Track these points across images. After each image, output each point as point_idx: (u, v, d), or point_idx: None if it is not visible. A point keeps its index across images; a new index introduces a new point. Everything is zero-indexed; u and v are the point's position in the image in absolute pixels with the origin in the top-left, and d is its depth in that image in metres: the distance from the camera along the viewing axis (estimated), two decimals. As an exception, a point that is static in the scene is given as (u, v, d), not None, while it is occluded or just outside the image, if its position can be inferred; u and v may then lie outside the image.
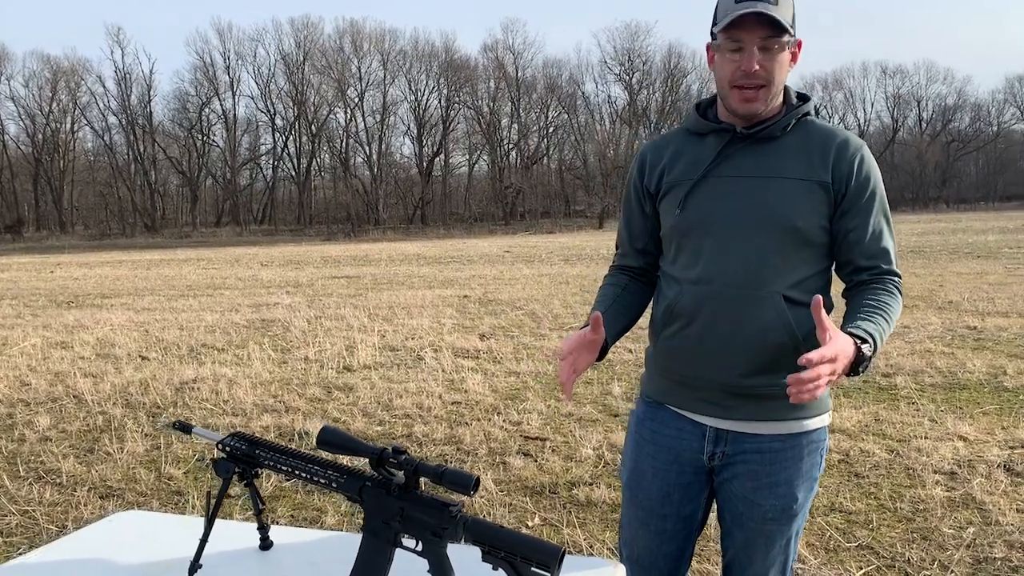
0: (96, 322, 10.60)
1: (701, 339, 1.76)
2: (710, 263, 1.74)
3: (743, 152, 1.75)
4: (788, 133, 1.75)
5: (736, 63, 1.67)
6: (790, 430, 1.77)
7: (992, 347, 7.37)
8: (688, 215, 1.77)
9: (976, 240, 22.99)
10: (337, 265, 21.98)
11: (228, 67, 60.93)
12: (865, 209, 1.73)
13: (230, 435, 1.58)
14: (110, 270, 22.23)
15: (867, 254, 1.74)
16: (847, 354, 1.50)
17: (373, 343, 8.29)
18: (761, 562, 1.84)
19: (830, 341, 1.48)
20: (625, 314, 1.91)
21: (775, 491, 1.78)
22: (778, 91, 1.72)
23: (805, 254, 1.73)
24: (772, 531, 1.81)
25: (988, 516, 3.57)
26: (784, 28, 1.63)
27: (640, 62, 63.07)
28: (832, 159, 1.71)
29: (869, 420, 5.08)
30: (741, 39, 1.65)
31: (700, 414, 1.81)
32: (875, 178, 1.74)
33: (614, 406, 5.58)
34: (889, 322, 1.65)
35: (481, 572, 1.37)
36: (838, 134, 1.75)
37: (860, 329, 1.57)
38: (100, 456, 4.77)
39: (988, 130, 69.01)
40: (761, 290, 1.70)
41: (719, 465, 1.82)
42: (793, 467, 1.78)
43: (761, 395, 1.74)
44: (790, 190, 1.71)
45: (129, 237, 51.40)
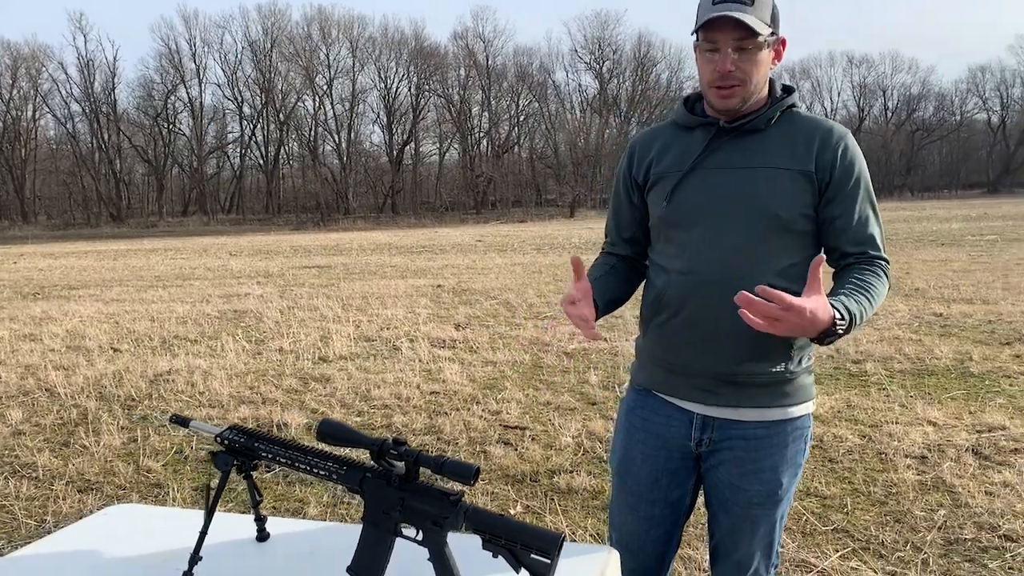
0: (64, 314, 10.45)
1: (688, 328, 1.80)
2: (696, 253, 1.78)
3: (729, 145, 1.79)
4: (773, 125, 1.79)
5: (713, 63, 1.72)
6: (775, 417, 1.82)
7: (958, 333, 7.53)
8: (675, 207, 1.81)
9: (940, 228, 23.40)
10: (308, 255, 21.83)
11: (194, 54, 60.16)
12: (850, 196, 1.76)
13: (228, 428, 1.59)
14: (76, 260, 21.89)
15: (854, 240, 1.77)
16: (817, 319, 1.49)
17: (348, 333, 8.27)
18: (747, 546, 1.89)
19: (808, 299, 1.49)
20: (614, 288, 1.94)
21: (760, 477, 1.82)
22: (757, 88, 1.76)
23: (789, 242, 1.77)
24: (757, 516, 1.85)
25: (958, 499, 3.67)
26: (756, 31, 1.66)
27: (610, 51, 63.28)
28: (816, 148, 1.75)
29: (841, 406, 5.18)
30: (716, 40, 1.70)
31: (688, 401, 1.85)
32: (859, 165, 1.78)
33: (592, 394, 5.63)
34: (872, 302, 1.67)
35: (482, 560, 1.40)
36: (822, 124, 1.79)
37: (842, 305, 1.58)
38: (76, 449, 4.73)
39: (951, 119, 70.21)
40: (746, 279, 1.73)
41: (706, 451, 1.87)
42: (778, 453, 1.83)
43: (747, 383, 1.78)
44: (774, 180, 1.74)
45: (94, 227, 50.59)
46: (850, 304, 1.61)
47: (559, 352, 7.16)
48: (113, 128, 58.65)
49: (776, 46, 1.76)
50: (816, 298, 1.50)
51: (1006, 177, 64.44)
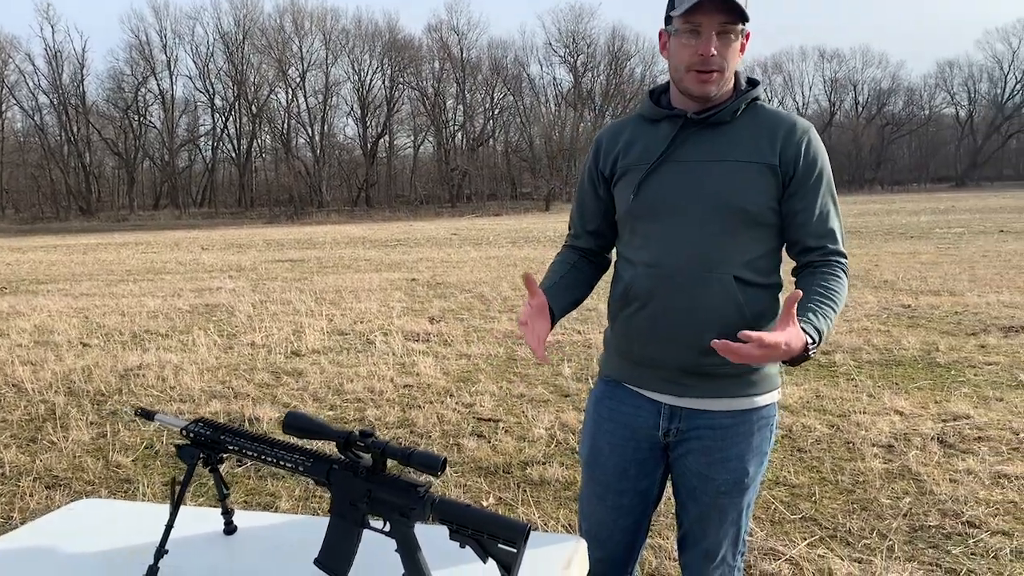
0: (32, 308, 10.30)
1: (655, 320, 1.81)
2: (663, 246, 1.79)
3: (695, 137, 1.80)
4: (738, 117, 1.80)
5: (693, 48, 1.72)
6: (741, 406, 1.84)
7: (925, 324, 7.65)
8: (641, 200, 1.82)
9: (909, 221, 23.72)
10: (281, 248, 21.67)
11: (165, 46, 59.39)
12: (812, 190, 1.78)
13: (194, 421, 1.58)
14: (44, 255, 21.57)
15: (814, 234, 1.79)
16: (791, 349, 1.55)
17: (321, 327, 8.23)
18: (714, 534, 1.91)
19: (782, 332, 1.54)
20: (573, 289, 1.97)
21: (727, 465, 1.85)
22: (730, 76, 1.77)
23: (755, 235, 1.78)
24: (725, 504, 1.88)
25: (923, 486, 3.73)
26: (741, 15, 1.68)
27: (584, 44, 63.32)
28: (780, 142, 1.77)
29: (810, 397, 5.25)
30: (700, 23, 1.70)
31: (656, 392, 1.87)
32: (822, 160, 1.80)
33: (565, 386, 5.65)
34: (837, 310, 1.72)
35: (449, 550, 1.41)
36: (786, 118, 1.81)
37: (812, 328, 1.61)
38: (44, 445, 4.67)
39: (920, 114, 71.17)
40: (712, 271, 1.75)
41: (674, 441, 1.88)
42: (744, 442, 1.85)
43: (713, 374, 1.80)
44: (739, 173, 1.76)
45: (63, 221, 49.82)
46: (820, 323, 1.64)
47: (533, 345, 7.17)
48: (82, 120, 57.76)
49: (743, 38, 1.78)
50: (789, 330, 1.55)
51: (973, 171, 65.45)
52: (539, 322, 1.82)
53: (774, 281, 1.84)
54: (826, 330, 1.65)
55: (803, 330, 1.58)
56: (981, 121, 69.58)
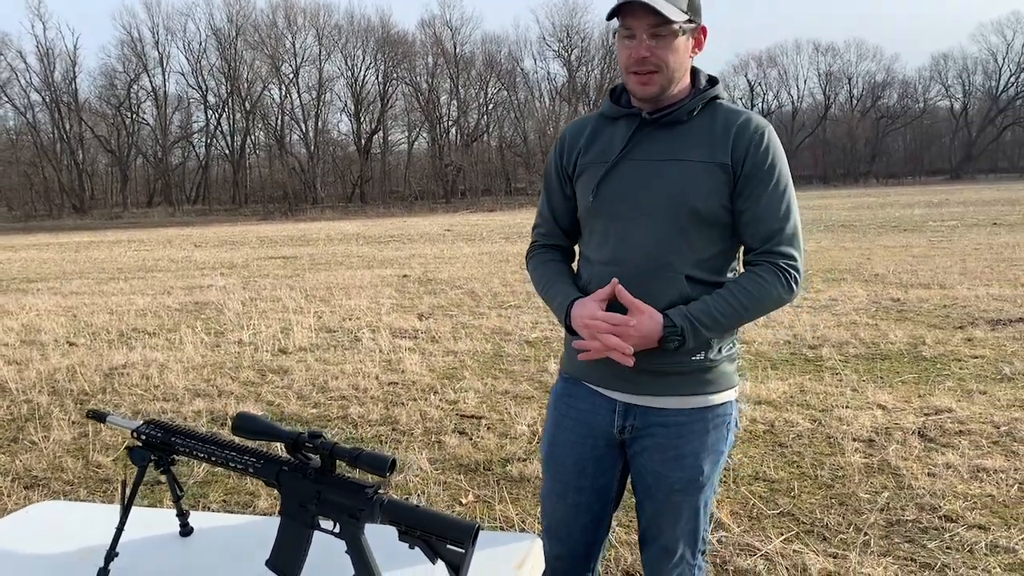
0: (21, 307, 10.27)
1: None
2: (618, 245, 1.80)
3: (651, 136, 1.80)
4: (695, 117, 1.79)
5: (629, 50, 1.72)
6: (695, 404, 1.84)
7: (913, 318, 7.65)
8: (600, 200, 1.82)
9: (903, 214, 23.75)
10: (274, 245, 21.64)
11: (157, 42, 59.15)
12: (759, 189, 1.75)
13: (145, 423, 1.58)
14: (36, 253, 21.52)
15: (759, 235, 1.77)
16: (641, 333, 1.70)
17: (309, 325, 8.22)
18: (671, 532, 1.91)
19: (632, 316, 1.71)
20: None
21: (681, 463, 1.84)
22: (676, 76, 1.75)
23: (708, 235, 1.78)
24: (679, 502, 1.87)
25: (902, 481, 3.73)
26: (668, 18, 1.66)
27: (579, 39, 63.21)
28: (732, 140, 1.75)
29: (794, 391, 5.25)
30: (632, 26, 1.70)
31: (611, 389, 1.87)
32: (773, 158, 1.76)
33: (549, 383, 5.65)
34: (740, 306, 1.74)
35: (399, 551, 1.40)
36: (741, 115, 1.78)
37: (680, 314, 1.72)
38: (24, 445, 4.66)
39: (915, 106, 71.12)
40: (666, 270, 1.75)
41: (629, 438, 1.88)
42: (698, 440, 1.84)
43: (667, 371, 1.80)
44: (692, 173, 1.75)
45: (56, 219, 49.68)
46: (694, 311, 1.72)
47: (520, 341, 7.17)
48: (75, 118, 57.55)
49: (696, 34, 1.77)
50: (639, 315, 1.70)
51: (968, 163, 65.49)
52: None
53: (726, 279, 1.82)
54: (707, 320, 1.72)
55: (666, 314, 1.70)
56: (976, 114, 69.60)
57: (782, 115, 67.64)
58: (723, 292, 1.75)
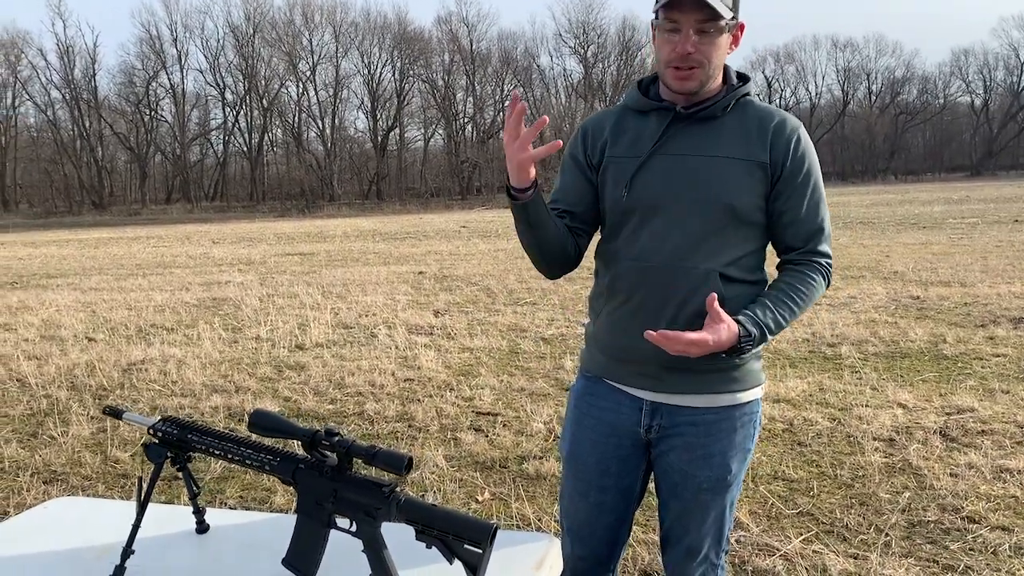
0: (41, 303, 10.36)
1: (639, 314, 1.78)
2: (650, 240, 1.76)
3: (684, 131, 1.77)
4: (728, 113, 1.77)
5: (673, 44, 1.69)
6: (724, 402, 1.81)
7: (934, 316, 7.57)
8: (634, 195, 1.78)
9: (922, 211, 23.52)
10: (291, 242, 21.72)
11: (175, 40, 59.57)
12: (800, 190, 1.76)
13: (161, 420, 1.57)
14: (56, 249, 21.70)
15: (800, 235, 1.78)
16: (720, 344, 1.62)
17: (326, 321, 8.23)
18: (696, 532, 1.88)
19: (709, 330, 1.61)
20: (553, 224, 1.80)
21: (710, 462, 1.82)
22: (715, 72, 1.73)
23: (742, 233, 1.76)
24: (707, 501, 1.85)
25: (923, 481, 3.69)
26: (719, 13, 1.64)
27: (595, 35, 63.11)
28: (770, 139, 1.74)
29: (813, 390, 5.20)
30: (678, 20, 1.67)
31: (637, 388, 1.84)
32: (810, 159, 1.78)
33: (566, 380, 5.62)
34: (796, 308, 1.75)
35: (416, 550, 1.39)
36: (775, 115, 1.78)
37: (751, 322, 1.67)
38: (44, 440, 4.69)
39: (935, 102, 70.48)
40: (698, 267, 1.73)
41: (655, 437, 1.86)
42: (727, 439, 1.82)
43: (696, 369, 1.76)
44: (729, 170, 1.73)
45: (76, 215, 50.13)
46: (763, 317, 1.69)
47: (536, 338, 7.15)
48: (94, 115, 58.05)
49: (735, 31, 1.74)
50: (716, 327, 1.62)
51: (989, 160, 64.84)
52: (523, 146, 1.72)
53: (759, 278, 1.82)
54: (772, 325, 1.70)
55: (739, 322, 1.64)
56: (997, 110, 68.89)
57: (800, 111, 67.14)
58: (781, 295, 1.74)
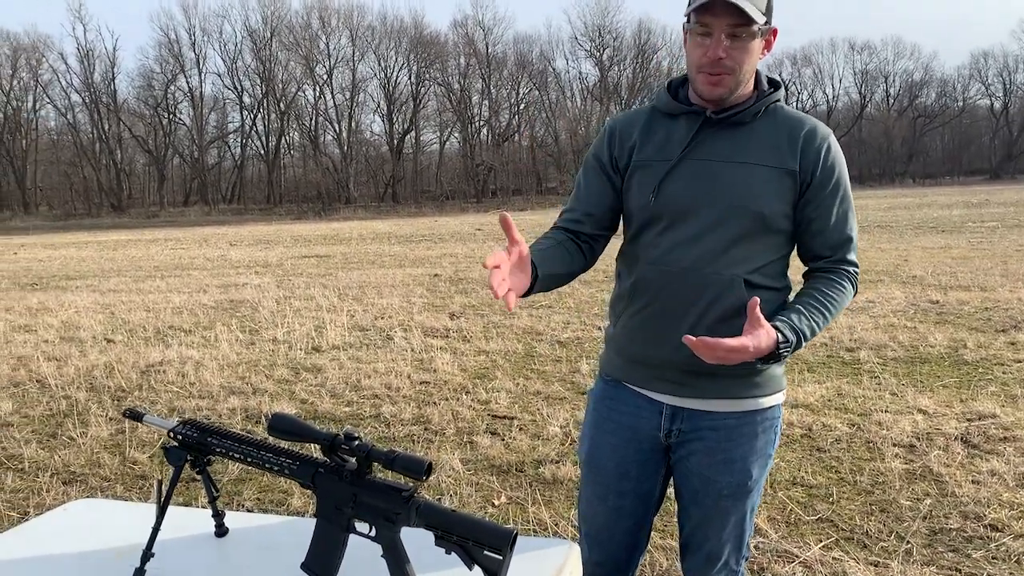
0: (61, 304, 10.44)
1: (661, 319, 1.77)
2: (676, 246, 1.75)
3: (714, 136, 1.75)
4: (758, 119, 1.76)
5: (704, 48, 1.67)
6: (745, 407, 1.80)
7: (953, 321, 7.50)
8: (663, 199, 1.76)
9: (941, 215, 23.31)
10: (307, 244, 21.80)
11: (194, 44, 59.94)
12: (829, 198, 1.75)
13: (181, 422, 1.57)
14: (75, 251, 21.88)
15: (828, 243, 1.78)
16: (759, 350, 1.58)
17: (342, 323, 8.25)
18: (716, 538, 1.87)
19: (748, 337, 1.57)
20: (559, 264, 1.75)
21: (731, 467, 1.80)
22: (746, 78, 1.72)
23: (769, 240, 1.75)
24: (728, 507, 1.84)
25: (944, 488, 3.64)
26: (751, 18, 1.62)
27: (611, 38, 62.95)
28: (800, 147, 1.73)
29: (832, 395, 5.16)
30: (709, 24, 1.65)
31: (657, 392, 1.83)
32: (840, 168, 1.77)
33: (582, 384, 5.61)
34: (829, 316, 1.73)
35: (436, 555, 1.38)
36: (806, 122, 1.76)
37: (788, 328, 1.64)
38: (63, 441, 4.72)
39: (954, 105, 69.80)
40: (724, 273, 1.71)
41: (676, 442, 1.84)
42: (748, 444, 1.81)
43: (718, 373, 1.75)
44: (759, 177, 1.71)
45: (95, 217, 50.53)
46: (799, 323, 1.66)
47: (552, 341, 7.14)
48: (113, 118, 58.51)
49: (768, 36, 1.72)
50: (755, 334, 1.57)
51: (1008, 163, 64.14)
52: (517, 274, 1.58)
53: (783, 284, 1.81)
54: (807, 330, 1.67)
55: (777, 328, 1.61)
56: (1017, 112, 68.10)
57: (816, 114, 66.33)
58: (814, 302, 1.73)
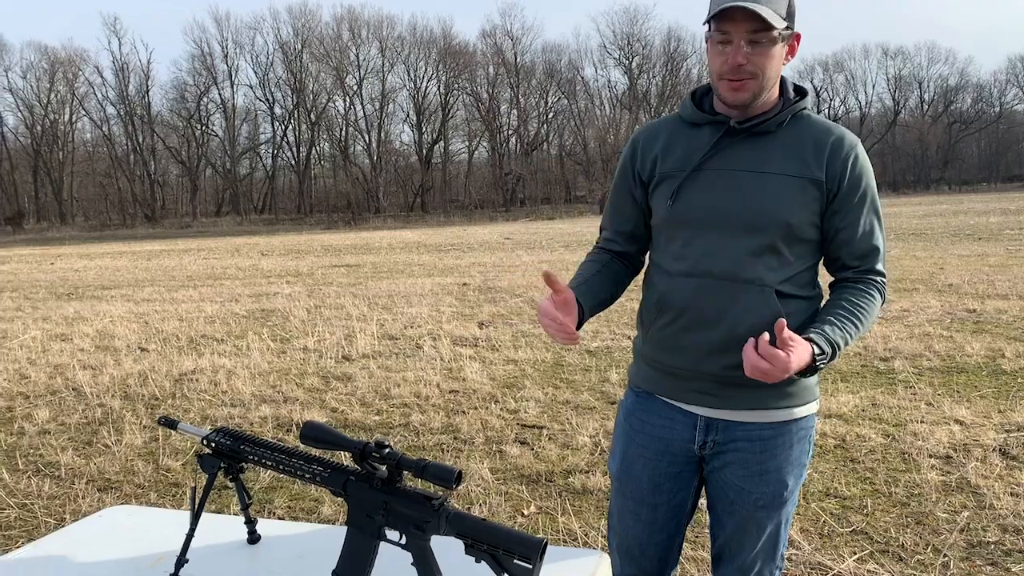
0: (96, 314, 10.61)
1: (692, 330, 1.76)
2: (703, 255, 1.73)
3: (738, 145, 1.74)
4: (783, 128, 1.74)
5: (725, 55, 1.66)
6: (780, 418, 1.78)
7: (991, 330, 7.36)
8: (680, 207, 1.75)
9: (977, 222, 22.93)
10: (337, 254, 21.97)
11: (226, 56, 60.83)
12: (856, 208, 1.73)
13: (215, 431, 1.59)
14: (110, 261, 22.25)
15: (856, 253, 1.75)
16: (798, 366, 1.56)
17: (372, 332, 8.30)
18: (750, 549, 1.85)
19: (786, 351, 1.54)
20: (602, 290, 1.88)
21: (766, 479, 1.79)
22: (769, 84, 1.70)
23: (797, 250, 1.73)
24: (762, 518, 1.81)
25: (983, 500, 3.57)
26: (770, 24, 1.61)
27: (640, 46, 62.92)
28: (826, 157, 1.70)
29: (866, 405, 5.09)
30: (729, 31, 1.64)
31: (691, 404, 1.81)
32: (867, 177, 1.74)
33: (611, 393, 5.58)
34: (860, 326, 1.70)
35: (465, 564, 1.38)
36: (833, 131, 1.74)
37: (824, 339, 1.62)
38: (98, 449, 4.79)
39: (990, 111, 68.75)
40: (753, 283, 1.70)
41: (710, 454, 1.83)
42: (783, 455, 1.79)
43: (752, 384, 1.73)
44: (784, 186, 1.70)
45: (129, 228, 51.35)
46: (834, 335, 1.64)
47: (581, 350, 7.12)
48: (147, 130, 59.54)
49: (791, 41, 1.71)
50: (794, 349, 1.55)
51: (1047, 169, 62.97)
52: (566, 316, 1.73)
53: (814, 293, 1.79)
54: (842, 343, 1.65)
55: (813, 341, 1.59)
56: (1056, 117, 67.02)
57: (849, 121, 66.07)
58: (845, 312, 1.70)
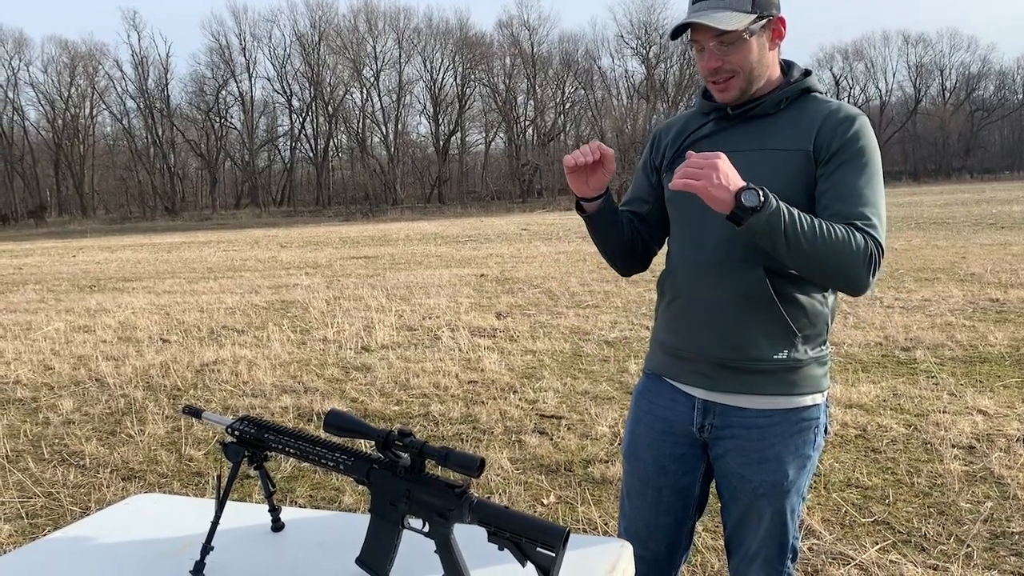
0: (118, 306, 10.72)
1: (690, 311, 1.81)
2: (697, 237, 1.79)
3: (736, 128, 1.79)
4: (784, 109, 1.76)
5: (702, 63, 1.73)
6: (778, 406, 1.78)
7: (1015, 319, 7.28)
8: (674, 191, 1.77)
9: (1000, 211, 22.65)
10: (356, 245, 22.05)
11: (244, 49, 61.14)
12: (843, 169, 1.66)
13: (239, 419, 1.60)
14: (131, 253, 22.44)
15: (842, 215, 1.63)
16: (726, 177, 1.52)
17: (391, 323, 8.33)
18: (754, 538, 1.85)
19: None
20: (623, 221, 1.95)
21: (765, 467, 1.79)
22: (756, 74, 1.72)
23: None
24: (763, 507, 1.81)
25: (1006, 490, 3.55)
26: (725, 30, 1.64)
27: (657, 35, 62.43)
28: (817, 127, 1.70)
29: (887, 395, 5.05)
30: (698, 40, 1.71)
31: (691, 385, 1.85)
32: (862, 144, 1.67)
33: (630, 383, 5.58)
34: (820, 233, 1.56)
35: (488, 552, 1.39)
36: (832, 105, 1.74)
37: (765, 191, 1.53)
38: (122, 438, 4.85)
39: (1013, 98, 67.88)
40: (745, 262, 1.72)
41: (710, 439, 1.85)
42: (782, 444, 1.78)
43: (749, 369, 1.76)
44: (776, 161, 1.71)
45: (150, 220, 51.77)
46: (777, 201, 1.54)
47: (600, 341, 7.11)
48: (167, 123, 59.95)
49: (770, 27, 1.72)
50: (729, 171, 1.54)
51: (1072, 157, 62.11)
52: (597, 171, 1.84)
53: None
54: (788, 216, 1.54)
55: (752, 187, 1.52)
56: (1080, 104, 66.03)
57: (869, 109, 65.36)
58: (808, 215, 1.59)
